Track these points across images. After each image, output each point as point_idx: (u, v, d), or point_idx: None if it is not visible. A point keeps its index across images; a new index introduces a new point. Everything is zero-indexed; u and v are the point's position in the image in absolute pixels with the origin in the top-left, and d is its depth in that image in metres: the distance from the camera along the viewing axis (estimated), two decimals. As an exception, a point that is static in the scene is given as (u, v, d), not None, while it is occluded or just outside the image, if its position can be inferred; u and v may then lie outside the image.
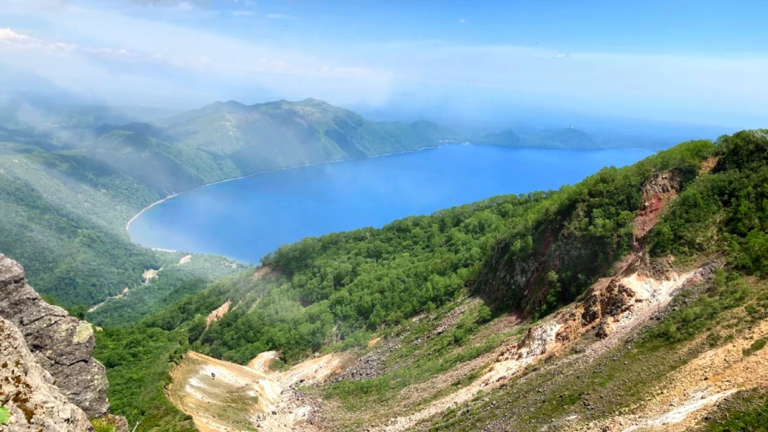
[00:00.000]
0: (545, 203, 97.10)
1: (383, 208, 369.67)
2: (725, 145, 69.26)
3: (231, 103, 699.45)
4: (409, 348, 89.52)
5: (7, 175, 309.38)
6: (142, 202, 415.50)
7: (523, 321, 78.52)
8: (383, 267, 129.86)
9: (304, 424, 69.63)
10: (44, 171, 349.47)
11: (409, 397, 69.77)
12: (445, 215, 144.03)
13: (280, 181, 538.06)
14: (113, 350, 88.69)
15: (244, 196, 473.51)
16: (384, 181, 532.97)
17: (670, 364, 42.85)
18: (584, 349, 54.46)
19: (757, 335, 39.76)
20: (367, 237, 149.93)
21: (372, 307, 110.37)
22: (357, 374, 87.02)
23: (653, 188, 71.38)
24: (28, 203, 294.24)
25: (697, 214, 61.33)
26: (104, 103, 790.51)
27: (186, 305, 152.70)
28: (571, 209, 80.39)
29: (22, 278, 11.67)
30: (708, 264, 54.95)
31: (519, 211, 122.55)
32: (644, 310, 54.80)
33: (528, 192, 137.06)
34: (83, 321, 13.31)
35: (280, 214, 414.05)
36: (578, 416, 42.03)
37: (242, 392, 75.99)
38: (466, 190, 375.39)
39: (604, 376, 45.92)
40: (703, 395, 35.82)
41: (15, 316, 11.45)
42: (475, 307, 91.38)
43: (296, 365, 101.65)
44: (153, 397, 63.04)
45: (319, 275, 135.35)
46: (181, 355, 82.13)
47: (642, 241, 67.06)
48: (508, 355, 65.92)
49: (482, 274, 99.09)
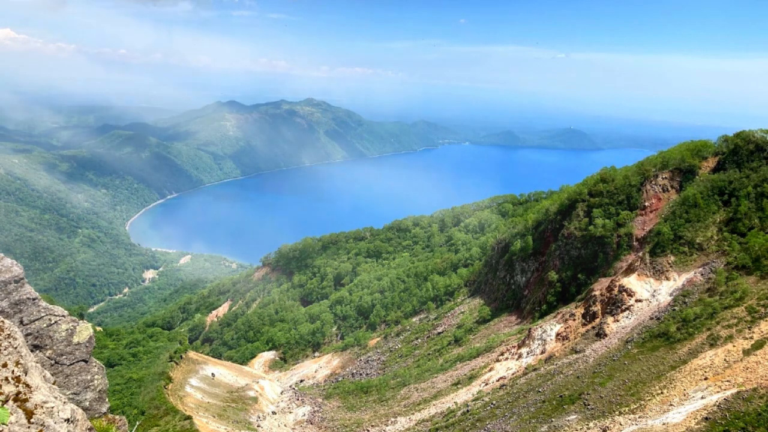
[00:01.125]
0: (545, 203, 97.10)
1: (383, 208, 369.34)
2: (725, 145, 69.20)
3: (231, 103, 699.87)
4: (409, 348, 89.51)
5: (7, 175, 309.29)
6: (142, 202, 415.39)
7: (523, 321, 78.50)
8: (383, 267, 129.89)
9: (304, 424, 69.63)
10: (44, 171, 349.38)
11: (409, 397, 69.77)
12: (445, 215, 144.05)
13: (280, 181, 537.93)
14: (113, 350, 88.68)
15: (244, 196, 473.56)
16: (384, 181, 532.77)
17: (670, 364, 42.84)
18: (584, 349, 54.45)
19: (757, 335, 39.75)
20: (367, 237, 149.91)
21: (372, 307, 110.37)
22: (357, 374, 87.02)
23: (653, 188, 71.36)
24: (28, 203, 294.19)
25: (697, 214, 61.31)
26: (104, 103, 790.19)
27: (186, 305, 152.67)
28: (571, 209, 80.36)
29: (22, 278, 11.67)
30: (708, 264, 54.92)
31: (519, 211, 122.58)
32: (644, 310, 54.79)
33: (528, 192, 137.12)
34: (83, 321, 13.31)
35: (280, 214, 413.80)
36: (578, 416, 42.03)
37: (242, 392, 75.98)
38: (466, 190, 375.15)
39: (604, 376, 45.92)
40: (703, 395, 35.81)
41: (15, 316, 11.45)
42: (475, 307, 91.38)
43: (296, 365, 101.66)
44: (153, 397, 63.02)
45: (319, 275, 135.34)
46: (181, 355, 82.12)
47: (642, 241, 67.04)
48: (508, 355, 65.91)
49: (482, 274, 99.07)
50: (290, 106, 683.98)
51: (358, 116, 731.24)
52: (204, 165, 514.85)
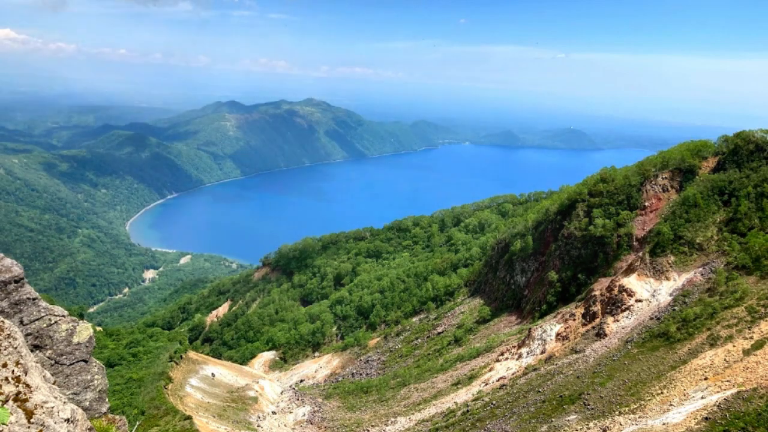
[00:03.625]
0: (545, 203, 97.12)
1: (383, 208, 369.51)
2: (725, 145, 69.20)
3: (231, 103, 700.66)
4: (409, 348, 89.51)
5: (7, 175, 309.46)
6: (142, 202, 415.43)
7: (523, 321, 78.50)
8: (383, 267, 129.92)
9: (304, 424, 69.62)
10: (44, 171, 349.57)
11: (409, 397, 69.76)
12: (445, 215, 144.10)
13: (280, 181, 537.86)
14: (113, 350, 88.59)
15: (244, 196, 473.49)
16: (384, 181, 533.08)
17: (670, 364, 42.84)
18: (584, 349, 54.45)
19: (757, 335, 39.74)
20: (367, 237, 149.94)
21: (372, 307, 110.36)
22: (357, 374, 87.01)
23: (653, 188, 71.36)
24: (28, 203, 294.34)
25: (697, 214, 61.30)
26: (104, 103, 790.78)
27: (186, 305, 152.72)
28: (571, 209, 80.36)
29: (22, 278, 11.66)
30: (708, 264, 54.93)
31: (519, 211, 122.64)
32: (644, 310, 54.79)
33: (528, 192, 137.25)
34: (83, 321, 13.31)
35: (280, 214, 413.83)
36: (578, 416, 42.03)
37: (242, 392, 75.98)
38: (466, 190, 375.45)
39: (604, 376, 45.92)
40: (703, 395, 35.81)
41: (15, 316, 11.44)
42: (475, 307, 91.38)
43: (296, 365, 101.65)
44: (153, 397, 62.99)
45: (319, 275, 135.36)
46: (181, 355, 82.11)
47: (642, 241, 67.04)
48: (508, 355, 65.90)
49: (482, 274, 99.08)
50: (290, 106, 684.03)
51: (358, 116, 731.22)
52: (204, 165, 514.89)
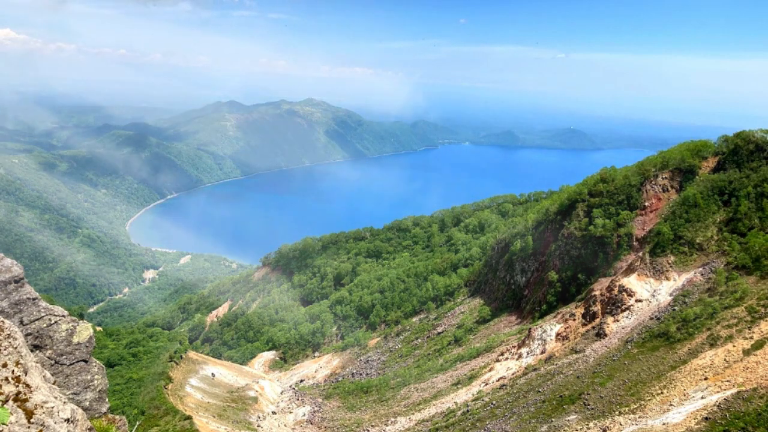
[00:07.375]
0: (545, 203, 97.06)
1: (383, 208, 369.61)
2: (725, 145, 69.19)
3: (231, 103, 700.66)
4: (409, 348, 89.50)
5: (7, 175, 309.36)
6: (142, 202, 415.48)
7: (523, 321, 78.50)
8: (383, 267, 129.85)
9: (304, 424, 69.62)
10: (44, 171, 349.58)
11: (409, 397, 69.75)
12: (445, 215, 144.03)
13: (280, 181, 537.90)
14: (113, 350, 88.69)
15: (244, 196, 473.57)
16: (384, 181, 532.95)
17: (670, 364, 42.83)
18: (584, 349, 54.45)
19: (757, 335, 39.74)
20: (367, 237, 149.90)
21: (372, 307, 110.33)
22: (357, 374, 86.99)
23: (653, 188, 71.35)
24: (28, 203, 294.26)
25: (697, 214, 61.29)
26: (104, 103, 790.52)
27: (186, 305, 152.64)
28: (571, 209, 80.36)
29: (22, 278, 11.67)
30: (708, 264, 54.92)
31: (519, 211, 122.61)
32: (644, 310, 54.78)
33: (528, 192, 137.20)
34: (83, 321, 13.31)
35: (280, 214, 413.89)
36: (578, 416, 42.02)
37: (242, 392, 75.98)
38: (466, 190, 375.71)
39: (604, 376, 45.91)
40: (703, 395, 35.81)
41: (15, 316, 11.45)
42: (475, 307, 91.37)
43: (296, 365, 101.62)
44: (153, 397, 63.02)
45: (319, 275, 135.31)
46: (181, 355, 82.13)
47: (642, 241, 67.04)
48: (508, 355, 65.90)
49: (482, 274, 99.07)
50: (290, 106, 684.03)
51: (358, 116, 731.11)
52: (204, 165, 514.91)
